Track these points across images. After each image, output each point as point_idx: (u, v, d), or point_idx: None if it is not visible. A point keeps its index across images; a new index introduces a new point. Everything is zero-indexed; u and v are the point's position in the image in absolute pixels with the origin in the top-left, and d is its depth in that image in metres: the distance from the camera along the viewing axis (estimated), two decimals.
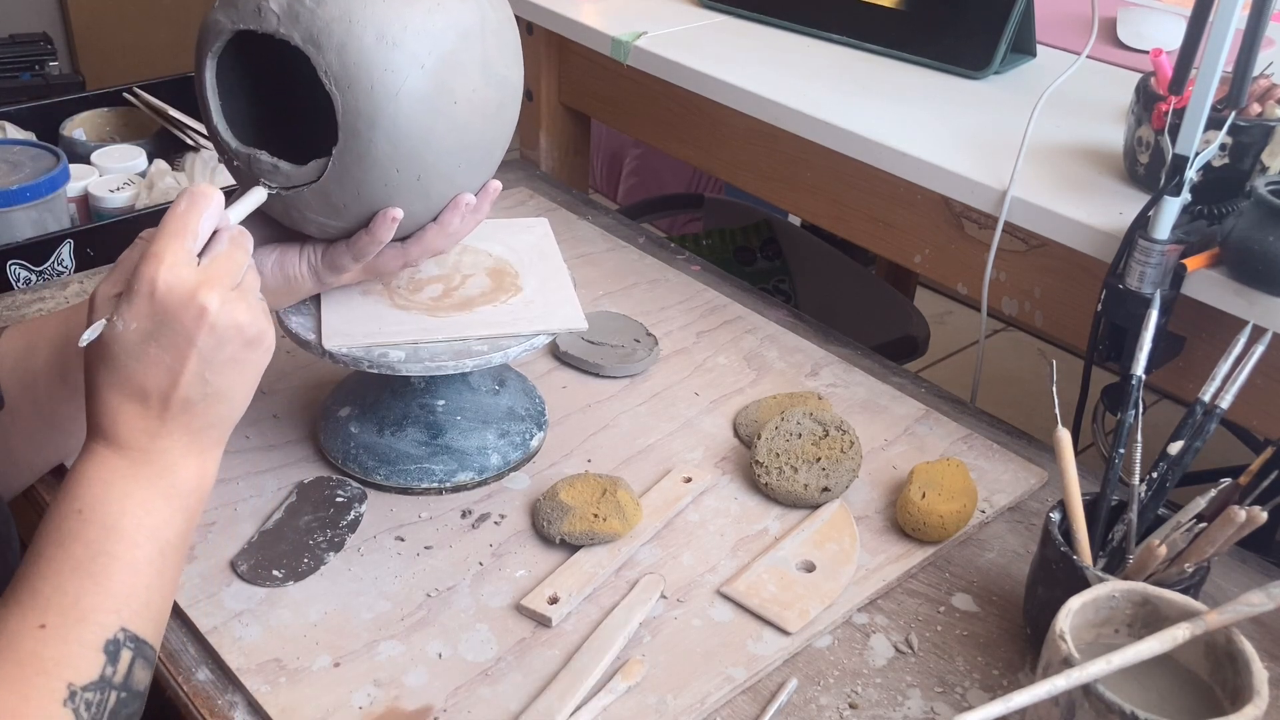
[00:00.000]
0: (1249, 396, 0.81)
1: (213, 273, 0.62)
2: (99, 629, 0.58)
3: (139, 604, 0.60)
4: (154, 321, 0.60)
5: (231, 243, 0.64)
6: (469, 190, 0.78)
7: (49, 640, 0.56)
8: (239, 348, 0.63)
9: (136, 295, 0.60)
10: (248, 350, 0.64)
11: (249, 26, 0.70)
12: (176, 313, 0.60)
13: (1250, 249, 0.81)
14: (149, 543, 0.61)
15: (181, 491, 0.63)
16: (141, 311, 0.60)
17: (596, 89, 1.43)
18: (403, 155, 0.72)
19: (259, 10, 0.69)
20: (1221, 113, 0.84)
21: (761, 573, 0.79)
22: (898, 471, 0.90)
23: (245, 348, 0.63)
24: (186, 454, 0.63)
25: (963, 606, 0.80)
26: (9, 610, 0.57)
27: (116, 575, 0.59)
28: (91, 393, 0.63)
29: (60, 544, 0.59)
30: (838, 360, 1.05)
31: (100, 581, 0.59)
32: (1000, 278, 1.03)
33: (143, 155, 1.39)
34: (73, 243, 1.19)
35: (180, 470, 0.63)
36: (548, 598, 0.76)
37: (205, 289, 0.61)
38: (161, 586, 0.62)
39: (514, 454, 0.88)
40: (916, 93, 1.18)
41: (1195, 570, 0.70)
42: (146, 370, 0.61)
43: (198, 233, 0.62)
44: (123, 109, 1.51)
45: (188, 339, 0.61)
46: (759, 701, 0.71)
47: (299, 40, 0.69)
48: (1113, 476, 0.75)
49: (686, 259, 1.20)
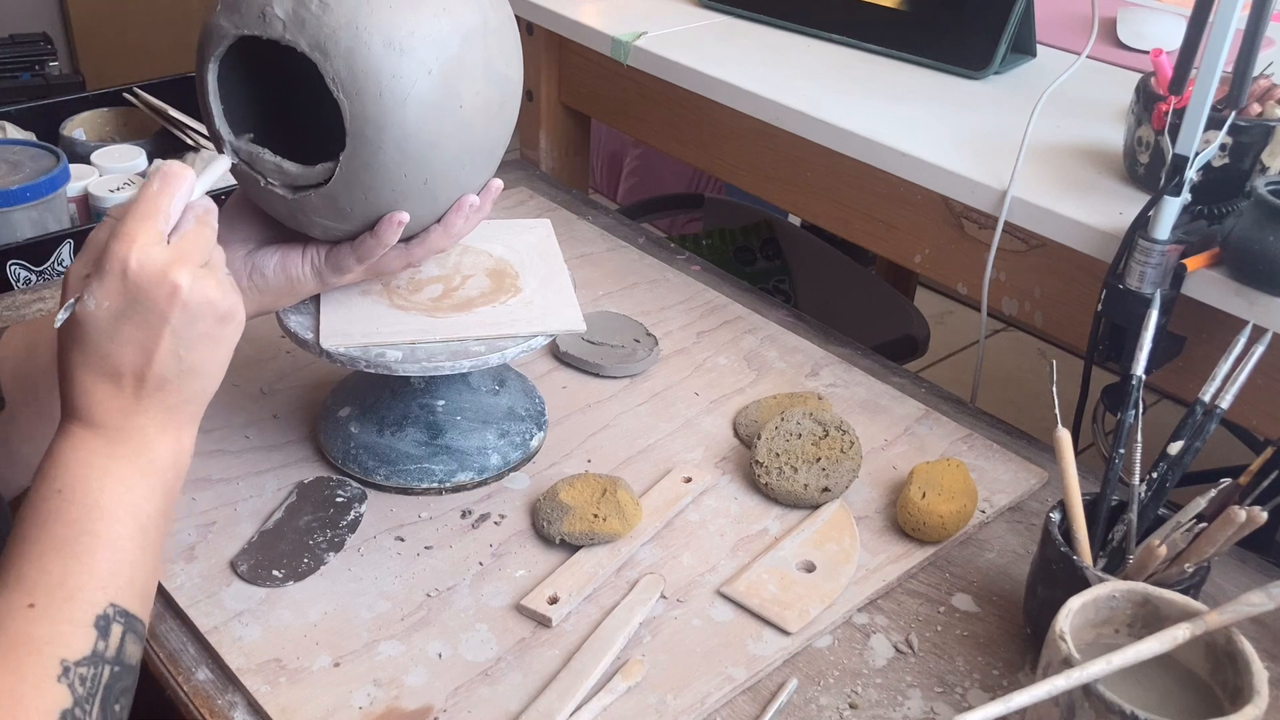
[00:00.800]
0: (1249, 396, 0.81)
1: (183, 250, 0.62)
2: (88, 606, 0.58)
3: (124, 579, 0.60)
4: (126, 300, 0.61)
5: (199, 221, 0.64)
6: (472, 190, 0.78)
7: (38, 619, 0.56)
8: (211, 324, 0.63)
9: (108, 274, 0.61)
10: (220, 326, 0.64)
11: (253, 32, 0.70)
12: (149, 291, 0.61)
13: (1250, 249, 0.81)
14: (130, 519, 0.61)
15: (159, 467, 0.63)
16: (113, 290, 0.61)
17: (596, 89, 1.43)
18: (410, 160, 0.72)
19: (263, 16, 0.69)
20: (1221, 113, 0.84)
21: (761, 573, 0.79)
22: (898, 471, 0.90)
23: (218, 323, 0.64)
24: (163, 430, 0.64)
25: (963, 606, 0.80)
26: None
27: (100, 552, 0.59)
28: (65, 373, 0.63)
29: (41, 525, 0.59)
30: (838, 360, 1.04)
31: (84, 560, 0.59)
32: (1000, 278, 1.03)
33: (143, 155, 1.39)
34: (73, 243, 1.19)
35: (157, 447, 0.63)
36: (548, 598, 0.76)
37: (176, 267, 0.61)
38: (145, 562, 0.62)
39: (514, 454, 0.88)
40: (916, 93, 1.18)
41: (1195, 570, 0.70)
42: (120, 349, 0.61)
43: (169, 214, 0.63)
44: (123, 109, 1.51)
45: (160, 317, 0.61)
46: (759, 701, 0.71)
47: (305, 47, 0.69)
48: (1113, 476, 0.75)
49: (686, 259, 1.20)
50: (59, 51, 1.82)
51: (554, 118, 1.50)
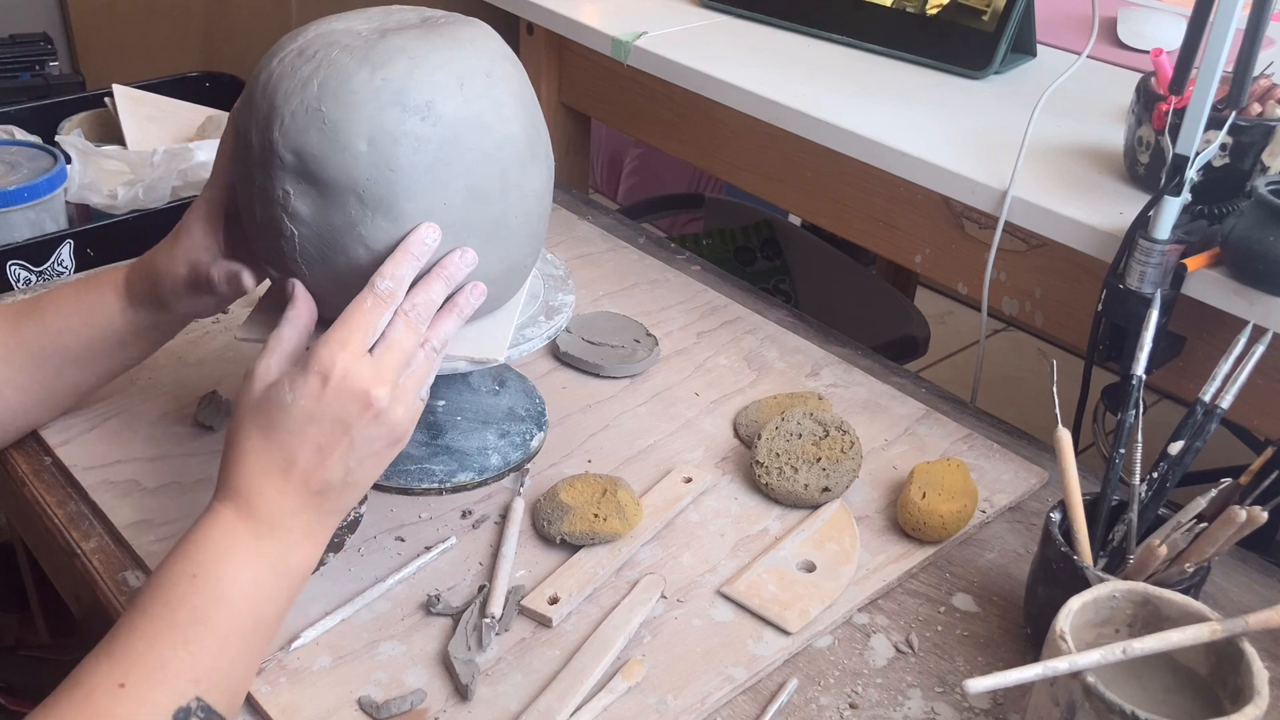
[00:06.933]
0: (1249, 396, 0.81)
1: (384, 367, 0.64)
2: (175, 694, 0.58)
3: (220, 676, 0.60)
4: (321, 404, 0.63)
5: (404, 332, 0.66)
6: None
7: (124, 699, 0.57)
8: (385, 444, 0.66)
9: (311, 375, 0.63)
10: (390, 448, 0.66)
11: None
12: (345, 401, 0.63)
13: (1250, 249, 0.82)
14: (249, 617, 0.62)
15: (292, 573, 0.65)
16: (312, 391, 0.63)
17: (596, 89, 1.43)
18: None
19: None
20: (1222, 113, 0.84)
21: (762, 573, 0.79)
22: (898, 471, 0.90)
23: (389, 445, 0.66)
24: (307, 537, 0.65)
25: (963, 606, 0.80)
26: (99, 661, 0.58)
27: (209, 646, 0.60)
28: (237, 454, 0.64)
29: (167, 604, 0.60)
30: (838, 360, 1.04)
31: (191, 649, 0.59)
32: (1000, 278, 1.03)
33: None
34: (72, 243, 1.19)
35: (298, 551, 0.65)
36: (548, 598, 0.76)
37: (378, 384, 0.64)
38: (246, 663, 0.62)
39: (514, 454, 0.88)
40: (916, 93, 1.18)
41: (1196, 570, 0.70)
42: (300, 447, 0.63)
43: (378, 330, 0.65)
44: None
45: (345, 427, 0.63)
46: (759, 701, 0.71)
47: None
48: (1113, 476, 0.75)
49: (686, 259, 1.20)
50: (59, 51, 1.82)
51: (554, 118, 1.50)
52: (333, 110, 0.67)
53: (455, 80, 0.69)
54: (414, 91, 0.67)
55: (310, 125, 0.67)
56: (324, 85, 0.67)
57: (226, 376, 0.96)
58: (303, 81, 0.68)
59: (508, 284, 0.77)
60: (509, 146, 0.72)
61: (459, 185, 0.69)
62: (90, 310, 0.81)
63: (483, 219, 0.71)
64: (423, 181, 0.68)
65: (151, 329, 0.83)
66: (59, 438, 0.87)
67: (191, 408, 0.92)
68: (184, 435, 0.89)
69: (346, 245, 0.69)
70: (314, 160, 0.67)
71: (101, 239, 1.21)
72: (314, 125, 0.67)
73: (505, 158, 0.71)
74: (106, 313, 0.81)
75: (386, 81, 0.67)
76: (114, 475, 0.85)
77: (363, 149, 0.67)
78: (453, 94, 0.69)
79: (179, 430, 0.90)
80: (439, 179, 0.69)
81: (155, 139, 1.42)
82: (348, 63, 0.68)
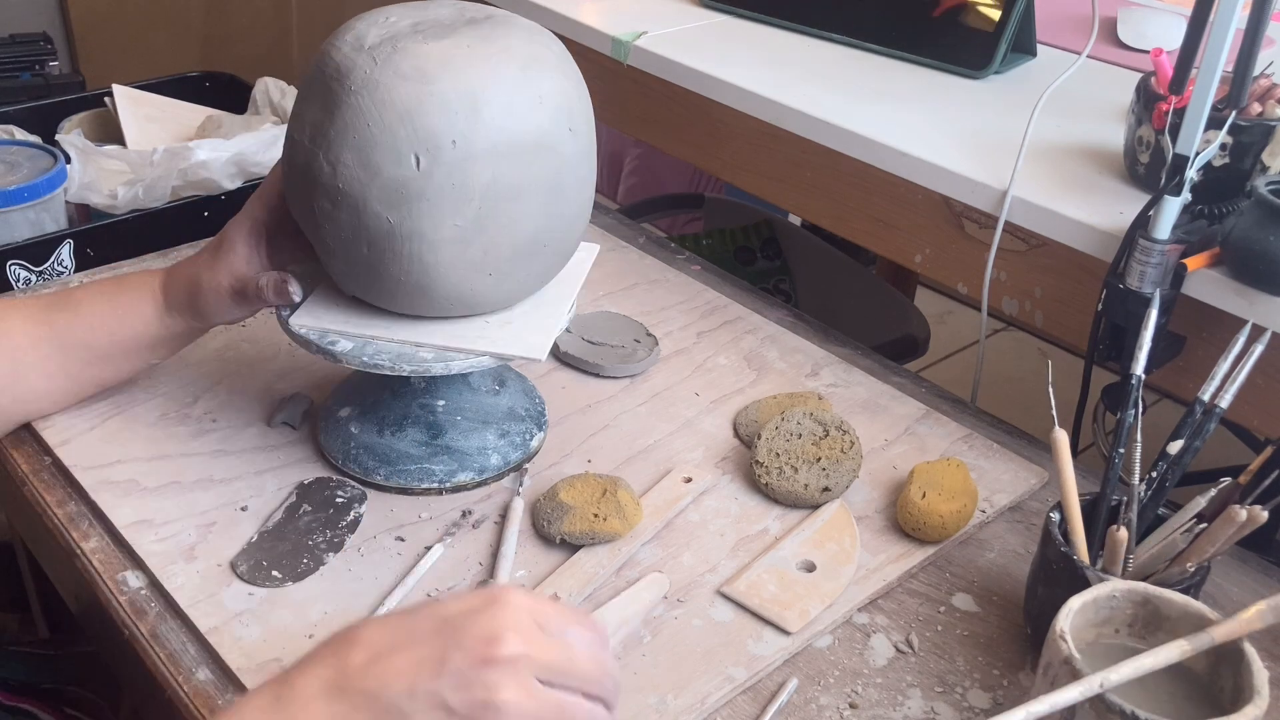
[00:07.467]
0: (1249, 396, 0.81)
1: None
2: None
3: None
4: (446, 710, 0.53)
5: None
6: None
7: None
8: None
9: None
10: None
11: None
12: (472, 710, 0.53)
13: (1250, 249, 0.82)
14: None
15: None
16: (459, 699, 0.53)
17: (596, 89, 1.43)
18: None
19: None
20: (1222, 112, 0.84)
21: (762, 573, 0.79)
22: (898, 471, 0.90)
23: None
24: None
25: (963, 606, 0.80)
26: None
27: None
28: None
29: None
30: (838, 360, 1.04)
31: None
32: (1000, 277, 1.03)
33: None
34: (72, 243, 1.19)
35: None
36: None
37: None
38: None
39: (514, 454, 0.88)
40: (917, 93, 1.18)
41: (1196, 570, 0.70)
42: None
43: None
44: None
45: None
46: (759, 701, 0.71)
47: None
48: (1113, 476, 0.75)
49: (686, 259, 1.20)
50: (59, 51, 1.82)
51: None
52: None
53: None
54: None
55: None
56: (394, 67, 0.73)
57: (226, 376, 0.96)
58: (371, 71, 0.73)
59: (563, 248, 0.82)
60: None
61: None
62: (125, 312, 0.85)
63: (544, 173, 0.77)
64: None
65: (183, 335, 0.88)
66: (59, 438, 0.88)
67: (192, 407, 0.92)
68: (184, 435, 0.89)
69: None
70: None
71: (101, 239, 1.21)
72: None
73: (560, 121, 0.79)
74: (141, 317, 0.85)
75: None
76: (114, 475, 0.85)
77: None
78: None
79: (179, 430, 0.90)
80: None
81: (155, 139, 1.42)
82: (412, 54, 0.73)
